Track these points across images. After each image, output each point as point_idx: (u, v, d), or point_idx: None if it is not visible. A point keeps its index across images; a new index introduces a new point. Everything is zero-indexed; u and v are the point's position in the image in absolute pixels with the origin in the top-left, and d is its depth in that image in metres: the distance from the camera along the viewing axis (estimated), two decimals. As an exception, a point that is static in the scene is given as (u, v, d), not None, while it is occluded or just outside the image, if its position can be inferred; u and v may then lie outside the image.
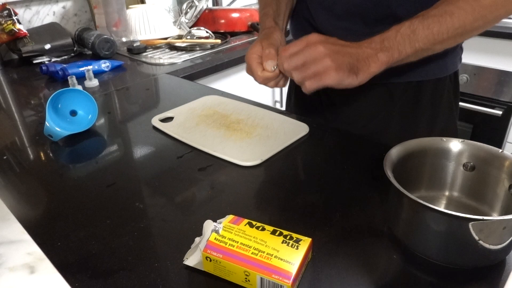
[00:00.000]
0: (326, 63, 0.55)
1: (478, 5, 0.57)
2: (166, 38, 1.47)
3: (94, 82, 1.05)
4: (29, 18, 1.38)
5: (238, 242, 0.42)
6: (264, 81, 0.65)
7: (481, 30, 0.60)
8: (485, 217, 0.38)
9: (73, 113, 0.79)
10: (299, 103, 0.93)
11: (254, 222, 0.45)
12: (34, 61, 1.28)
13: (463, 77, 1.66)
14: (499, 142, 1.67)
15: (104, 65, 1.17)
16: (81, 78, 1.05)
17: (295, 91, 0.93)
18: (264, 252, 0.41)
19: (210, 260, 0.42)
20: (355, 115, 0.81)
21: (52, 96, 0.74)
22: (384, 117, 0.79)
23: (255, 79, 0.65)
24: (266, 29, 0.72)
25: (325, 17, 0.76)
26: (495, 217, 0.48)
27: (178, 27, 1.54)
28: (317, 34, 0.59)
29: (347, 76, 0.56)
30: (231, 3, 1.84)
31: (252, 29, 1.56)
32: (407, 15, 0.61)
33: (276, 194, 0.58)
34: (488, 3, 0.57)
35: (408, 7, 0.65)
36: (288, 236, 0.43)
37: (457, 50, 0.77)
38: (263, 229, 0.44)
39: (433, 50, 0.60)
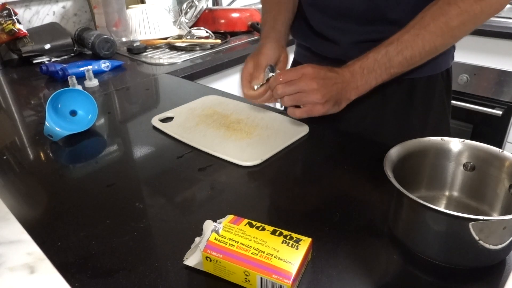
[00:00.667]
0: (316, 98, 0.63)
1: (447, 27, 0.61)
2: (166, 38, 1.47)
3: (94, 82, 1.05)
4: (29, 18, 1.38)
5: (238, 242, 0.42)
6: (250, 99, 0.72)
7: (450, 45, 0.66)
8: (485, 217, 0.38)
9: (73, 113, 0.79)
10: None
11: (254, 222, 0.45)
12: (34, 61, 1.28)
13: (463, 77, 1.66)
14: (499, 142, 1.67)
15: (104, 65, 1.17)
16: (81, 78, 1.05)
17: None
18: (264, 252, 0.41)
19: (210, 260, 0.42)
20: (349, 113, 0.82)
21: (52, 96, 0.74)
22: (378, 115, 0.80)
23: (244, 96, 0.73)
24: (261, 39, 0.76)
25: (320, 18, 0.78)
26: (495, 217, 0.48)
27: (178, 27, 1.54)
28: (311, 67, 0.65)
29: (331, 107, 0.65)
30: (231, 3, 1.84)
31: (252, 29, 1.56)
32: (397, 17, 0.66)
33: (276, 194, 0.58)
34: (456, 24, 0.61)
35: (398, 10, 0.66)
36: (288, 236, 0.43)
37: (449, 48, 0.78)
38: (263, 229, 0.44)
39: (406, 71, 0.66)
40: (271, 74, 0.68)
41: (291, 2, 0.82)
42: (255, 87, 0.69)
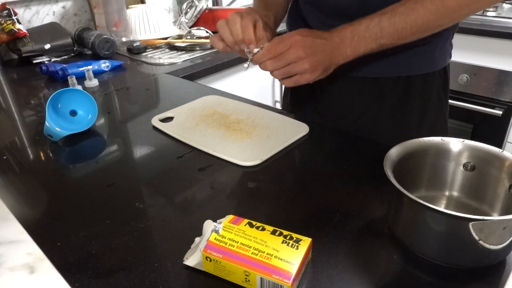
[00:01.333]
0: (304, 66, 0.63)
1: (443, 5, 0.60)
2: (166, 38, 1.47)
3: (94, 82, 1.05)
4: (29, 18, 1.38)
5: (238, 242, 0.42)
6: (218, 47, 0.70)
7: (444, 27, 0.64)
8: (485, 217, 0.38)
9: (73, 113, 0.79)
10: (294, 99, 0.95)
11: (254, 222, 0.45)
12: (34, 61, 1.28)
13: (463, 77, 1.66)
14: (499, 142, 1.67)
15: (104, 65, 1.17)
16: (81, 78, 1.05)
17: (290, 88, 0.95)
18: (264, 252, 0.41)
19: (210, 260, 0.42)
20: (347, 110, 0.83)
21: (52, 96, 0.74)
22: (375, 112, 0.80)
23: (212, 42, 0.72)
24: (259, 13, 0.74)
25: (315, 15, 0.79)
26: (495, 217, 0.48)
27: (178, 27, 1.54)
28: (300, 35, 0.64)
29: (321, 75, 0.65)
30: (231, 3, 1.84)
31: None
32: None
33: (276, 194, 0.58)
34: (453, 4, 0.60)
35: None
36: (288, 236, 0.43)
37: (446, 46, 0.79)
38: (263, 229, 0.44)
39: (395, 44, 0.65)
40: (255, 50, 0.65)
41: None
42: (255, 50, 0.65)
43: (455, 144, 0.51)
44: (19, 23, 1.26)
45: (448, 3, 0.60)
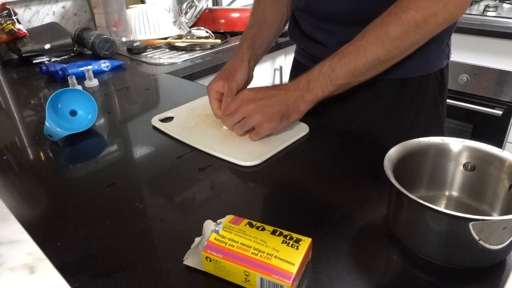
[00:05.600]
0: (258, 118, 0.67)
1: (388, 38, 0.61)
2: (166, 38, 1.47)
3: (94, 82, 1.05)
4: (28, 18, 1.38)
5: (238, 242, 0.42)
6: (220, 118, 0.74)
7: (402, 56, 0.65)
8: (485, 217, 0.38)
9: (73, 113, 0.79)
10: None
11: (254, 222, 0.45)
12: (34, 61, 1.28)
13: (463, 77, 1.66)
14: (499, 142, 1.67)
15: (104, 65, 1.17)
16: (81, 78, 1.05)
17: None
18: (264, 252, 0.41)
19: (210, 260, 0.42)
20: (342, 112, 0.84)
21: (52, 96, 0.74)
22: (370, 114, 0.80)
23: (215, 116, 0.76)
24: (236, 56, 0.80)
25: (309, 21, 0.81)
26: (495, 217, 0.48)
27: (178, 27, 1.54)
28: (248, 91, 0.69)
29: (279, 122, 0.68)
30: (231, 3, 1.84)
31: (252, 29, 1.56)
32: None
33: (276, 194, 0.58)
34: (397, 34, 0.61)
35: (381, 11, 0.66)
36: (288, 236, 0.43)
37: (443, 47, 0.78)
38: (263, 229, 0.44)
39: (357, 82, 0.67)
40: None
41: (277, 21, 0.85)
42: (224, 127, 0.74)
43: (455, 144, 0.51)
44: (19, 23, 1.26)
45: (392, 34, 0.60)
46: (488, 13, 1.66)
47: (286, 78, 1.58)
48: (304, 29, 0.83)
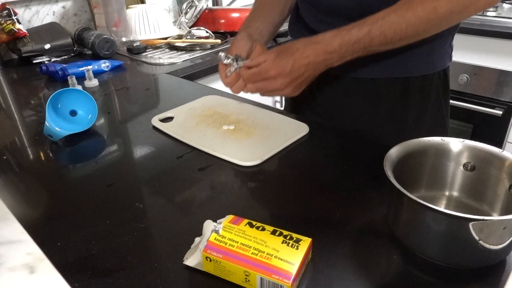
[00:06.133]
0: (276, 85, 0.65)
1: (435, 13, 0.60)
2: (166, 38, 1.47)
3: (94, 82, 1.05)
4: (28, 18, 1.38)
5: (238, 242, 0.42)
6: (227, 86, 0.72)
7: (434, 33, 0.64)
8: (485, 217, 0.38)
9: (73, 113, 0.79)
10: (293, 100, 0.95)
11: (254, 222, 0.45)
12: (34, 61, 1.28)
13: (463, 77, 1.66)
14: (499, 142, 1.67)
15: (104, 65, 1.17)
16: (81, 78, 1.05)
17: None
18: (264, 252, 0.41)
19: (210, 260, 0.42)
20: (344, 112, 0.83)
21: (52, 96, 0.74)
22: (372, 114, 0.80)
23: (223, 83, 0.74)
24: (247, 28, 0.78)
25: (312, 13, 0.79)
26: (495, 217, 0.48)
27: (178, 27, 1.54)
28: (271, 60, 0.64)
29: (298, 88, 0.66)
30: (231, 3, 1.84)
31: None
32: None
33: (276, 194, 0.58)
34: (443, 11, 0.59)
35: (388, 5, 0.66)
36: (288, 236, 0.43)
37: (446, 48, 0.78)
38: (263, 229, 0.44)
39: (381, 50, 0.64)
40: (234, 63, 0.70)
41: (281, 3, 0.84)
42: (227, 74, 0.71)
43: (455, 144, 0.51)
44: (19, 23, 1.26)
45: (440, 10, 0.59)
46: (488, 13, 1.66)
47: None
48: (308, 22, 0.81)
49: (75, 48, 1.36)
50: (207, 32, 1.46)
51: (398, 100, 0.78)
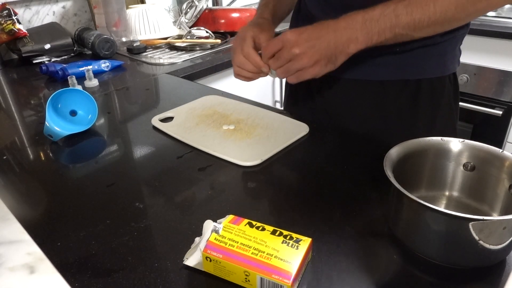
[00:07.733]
0: (303, 62, 0.62)
1: None
2: (166, 38, 1.47)
3: (94, 82, 1.05)
4: (29, 18, 1.38)
5: (238, 242, 0.42)
6: (238, 69, 0.73)
7: (461, 22, 0.62)
8: (485, 217, 0.38)
9: (73, 113, 0.79)
10: (295, 105, 0.93)
11: (254, 222, 0.45)
12: (34, 61, 1.28)
13: (463, 77, 1.66)
14: (499, 142, 1.67)
15: (104, 65, 1.17)
16: (81, 78, 1.05)
17: (291, 93, 0.93)
18: (264, 252, 0.41)
19: (210, 260, 0.42)
20: (349, 115, 0.80)
21: (52, 96, 0.74)
22: (380, 117, 0.77)
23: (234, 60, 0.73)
24: (262, 18, 0.76)
25: (321, 8, 0.77)
26: (495, 217, 0.48)
27: (178, 27, 1.54)
28: (290, 32, 0.63)
29: (325, 67, 0.62)
30: (231, 3, 1.84)
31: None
32: None
33: (276, 194, 0.58)
34: None
35: None
36: (288, 236, 0.43)
37: (456, 51, 0.75)
38: (263, 229, 0.44)
39: (411, 36, 0.62)
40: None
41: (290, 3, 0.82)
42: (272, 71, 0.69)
43: (455, 144, 0.51)
44: (19, 23, 1.26)
45: None
46: (488, 13, 1.66)
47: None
48: (316, 17, 0.76)
49: (75, 48, 1.36)
50: (207, 32, 1.46)
51: (409, 103, 0.75)
